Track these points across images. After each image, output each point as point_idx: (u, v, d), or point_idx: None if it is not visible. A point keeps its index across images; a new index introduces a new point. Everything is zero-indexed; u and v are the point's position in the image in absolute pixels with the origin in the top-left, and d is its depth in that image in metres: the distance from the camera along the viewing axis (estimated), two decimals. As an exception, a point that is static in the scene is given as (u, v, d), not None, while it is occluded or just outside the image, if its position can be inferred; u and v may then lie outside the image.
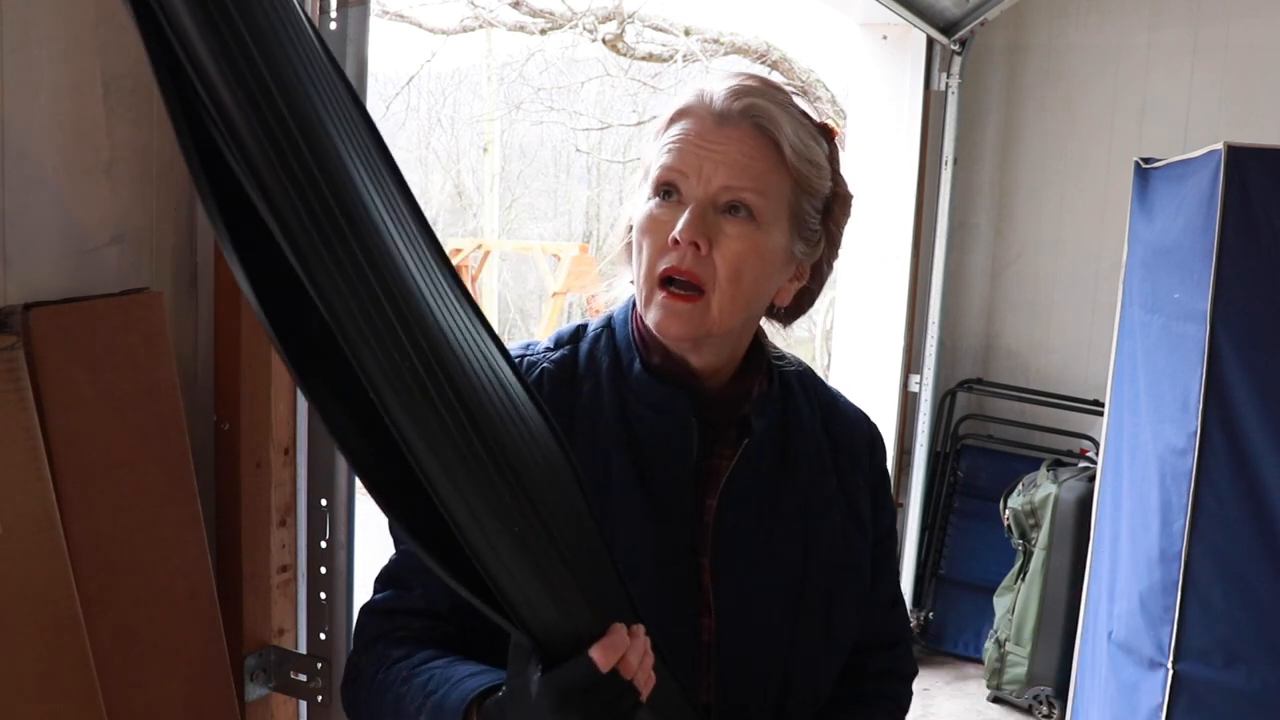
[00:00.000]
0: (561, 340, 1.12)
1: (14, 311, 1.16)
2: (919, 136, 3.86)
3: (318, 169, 0.68)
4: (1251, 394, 2.56)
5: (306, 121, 0.69)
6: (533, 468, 0.80)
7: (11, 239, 1.19)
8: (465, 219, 17.61)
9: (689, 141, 1.02)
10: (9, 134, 1.18)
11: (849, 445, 1.18)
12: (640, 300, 1.05)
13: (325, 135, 0.70)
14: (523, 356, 1.09)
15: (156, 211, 1.37)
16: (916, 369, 4.02)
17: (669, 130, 1.04)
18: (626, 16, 7.00)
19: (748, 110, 1.01)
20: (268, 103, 0.67)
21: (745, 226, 1.02)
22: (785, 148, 1.02)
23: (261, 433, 1.45)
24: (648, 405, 1.06)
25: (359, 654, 1.08)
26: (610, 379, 1.07)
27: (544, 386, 1.07)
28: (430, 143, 18.00)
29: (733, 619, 1.05)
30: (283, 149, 0.67)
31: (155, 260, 1.37)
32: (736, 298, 1.02)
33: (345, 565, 1.48)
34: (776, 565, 1.08)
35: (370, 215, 0.72)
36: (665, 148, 1.03)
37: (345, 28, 1.40)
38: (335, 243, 0.69)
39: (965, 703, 3.86)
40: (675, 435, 1.06)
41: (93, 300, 1.25)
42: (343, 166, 0.70)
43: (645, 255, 1.03)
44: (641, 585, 0.99)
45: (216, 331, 1.43)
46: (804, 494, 1.11)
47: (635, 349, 1.08)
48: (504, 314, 15.48)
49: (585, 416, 1.06)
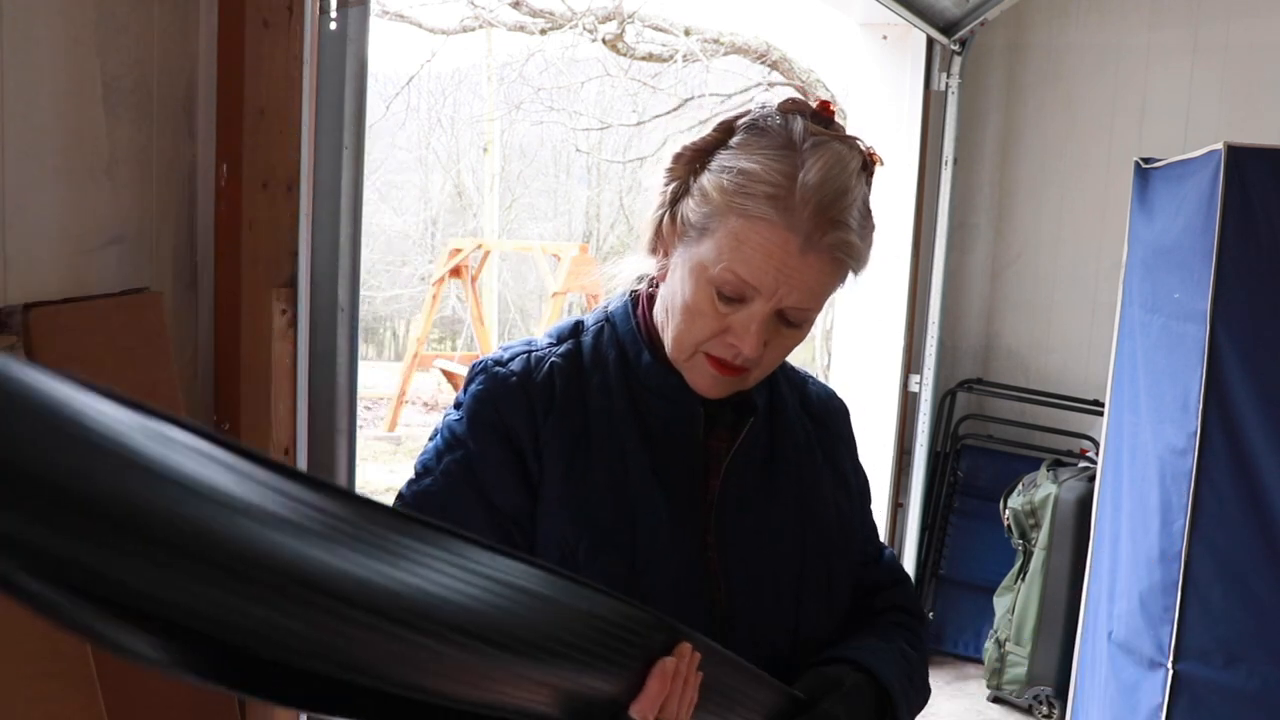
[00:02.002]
0: (563, 335, 1.14)
1: (14, 311, 1.16)
2: (919, 136, 3.86)
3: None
4: (1251, 394, 2.56)
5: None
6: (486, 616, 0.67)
7: (11, 239, 1.19)
8: (465, 219, 17.60)
9: (770, 262, 0.99)
10: (9, 134, 1.18)
11: (828, 419, 1.23)
12: (675, 353, 1.07)
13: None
14: (528, 353, 1.10)
15: (156, 211, 1.37)
16: (916, 369, 4.02)
17: (749, 225, 0.99)
18: (626, 16, 7.00)
19: (833, 245, 1.00)
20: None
21: (799, 329, 1.07)
22: (854, 265, 1.05)
23: (261, 433, 1.45)
24: (658, 395, 1.09)
25: None
26: (618, 371, 1.10)
27: (555, 380, 1.08)
28: (430, 143, 17.99)
29: (742, 593, 1.09)
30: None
31: (155, 260, 1.37)
32: (773, 368, 1.10)
33: (345, 565, 1.48)
34: (778, 538, 1.13)
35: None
36: (739, 246, 0.99)
37: (345, 28, 1.40)
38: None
39: (965, 703, 3.86)
40: (684, 422, 1.09)
41: (93, 300, 1.25)
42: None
43: (694, 332, 1.04)
44: (665, 567, 1.04)
45: (216, 331, 1.44)
46: (796, 469, 1.15)
47: (640, 342, 1.11)
48: (504, 314, 15.49)
49: (599, 408, 1.08)
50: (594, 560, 1.04)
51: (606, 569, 1.04)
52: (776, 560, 1.12)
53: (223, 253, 1.42)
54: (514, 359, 1.09)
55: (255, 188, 1.41)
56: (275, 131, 1.43)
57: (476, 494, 1.05)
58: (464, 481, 1.06)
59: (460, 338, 16.05)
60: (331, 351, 1.46)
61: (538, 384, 1.07)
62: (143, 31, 1.33)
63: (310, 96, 1.44)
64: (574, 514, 1.05)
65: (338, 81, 1.41)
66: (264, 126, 1.41)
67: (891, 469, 4.01)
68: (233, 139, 1.40)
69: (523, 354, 1.10)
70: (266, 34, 1.40)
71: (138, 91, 1.33)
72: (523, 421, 1.06)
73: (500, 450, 1.05)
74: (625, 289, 1.16)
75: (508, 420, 1.06)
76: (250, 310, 1.42)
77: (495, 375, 1.08)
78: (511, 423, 1.06)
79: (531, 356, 1.10)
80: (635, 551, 1.05)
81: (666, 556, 1.05)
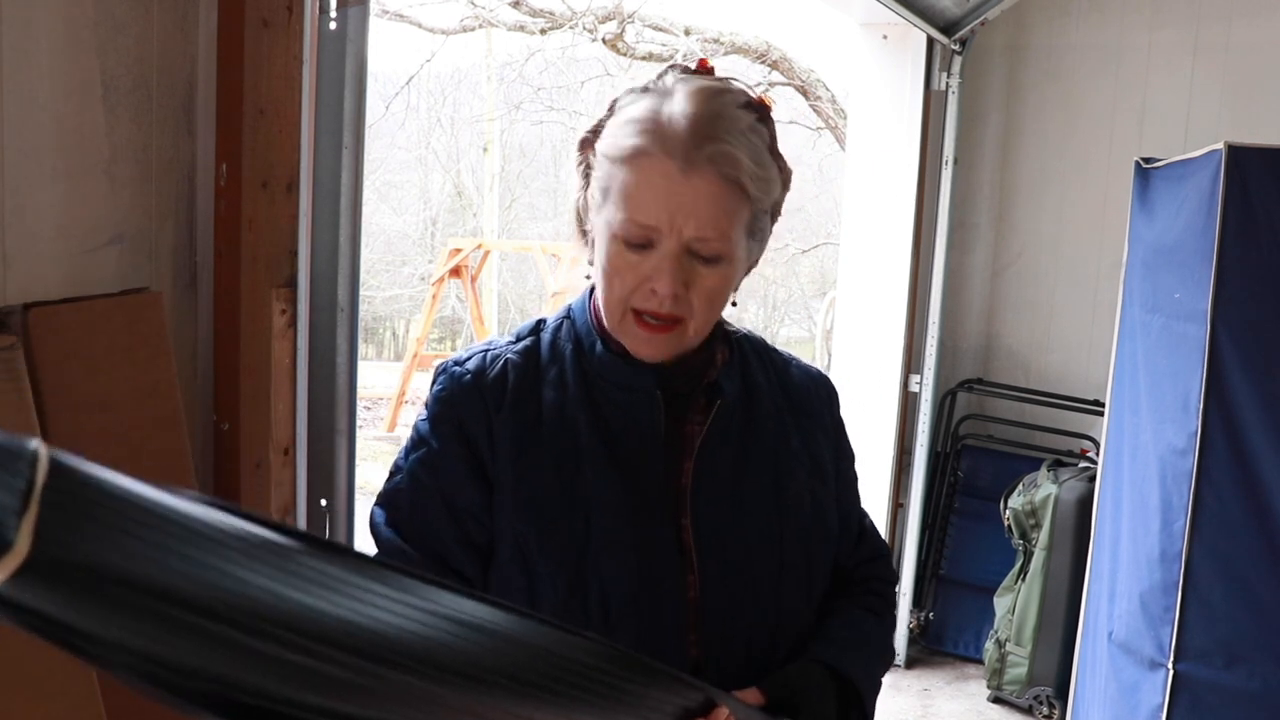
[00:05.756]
0: (522, 334, 1.17)
1: (14, 311, 1.16)
2: (919, 136, 3.86)
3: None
4: (1252, 394, 2.56)
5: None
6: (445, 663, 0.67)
7: (11, 239, 1.19)
8: (465, 219, 17.61)
9: (657, 195, 1.02)
10: (9, 134, 1.18)
11: (807, 404, 1.23)
12: (609, 320, 1.09)
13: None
14: (485, 352, 1.13)
15: (156, 211, 1.37)
16: (917, 369, 4.02)
17: (631, 167, 1.03)
18: (626, 16, 7.00)
19: (712, 158, 1.01)
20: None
21: (717, 266, 1.05)
22: (748, 185, 1.04)
23: (261, 433, 1.45)
24: (613, 384, 1.11)
25: None
26: (574, 363, 1.12)
27: (508, 375, 1.11)
28: (430, 142, 17.99)
29: (715, 575, 1.10)
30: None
31: (155, 260, 1.37)
32: (710, 318, 1.09)
33: (345, 565, 1.48)
34: (752, 520, 1.13)
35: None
36: (628, 192, 1.03)
37: (345, 28, 1.40)
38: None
39: (965, 703, 3.86)
40: (641, 409, 1.11)
41: (93, 300, 1.25)
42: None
43: (616, 290, 1.06)
44: (623, 553, 1.06)
45: (216, 331, 1.43)
46: (772, 452, 1.16)
47: (594, 332, 1.13)
48: (504, 314, 15.49)
49: (552, 401, 1.10)
50: (543, 548, 1.07)
51: (557, 556, 1.06)
52: (753, 547, 1.13)
53: (222, 252, 1.42)
54: (470, 358, 1.13)
55: (255, 187, 1.41)
56: (275, 131, 1.43)
57: (438, 491, 1.09)
58: (427, 480, 1.09)
59: (460, 338, 16.06)
60: (331, 351, 1.46)
61: (490, 381, 1.11)
62: (142, 31, 1.33)
63: (310, 96, 1.44)
64: (524, 505, 1.07)
65: (337, 81, 1.41)
66: (264, 126, 1.41)
67: (891, 469, 4.01)
68: (232, 138, 1.40)
69: (480, 353, 1.13)
70: (266, 34, 1.40)
71: (137, 91, 1.33)
72: (477, 418, 1.09)
73: (458, 447, 1.09)
74: (587, 286, 1.18)
75: (463, 417, 1.09)
76: (250, 310, 1.42)
77: (452, 375, 1.12)
78: (466, 420, 1.09)
79: (488, 355, 1.13)
80: (588, 539, 1.07)
81: (626, 543, 1.07)
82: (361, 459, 2.28)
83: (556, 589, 1.06)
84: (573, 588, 1.06)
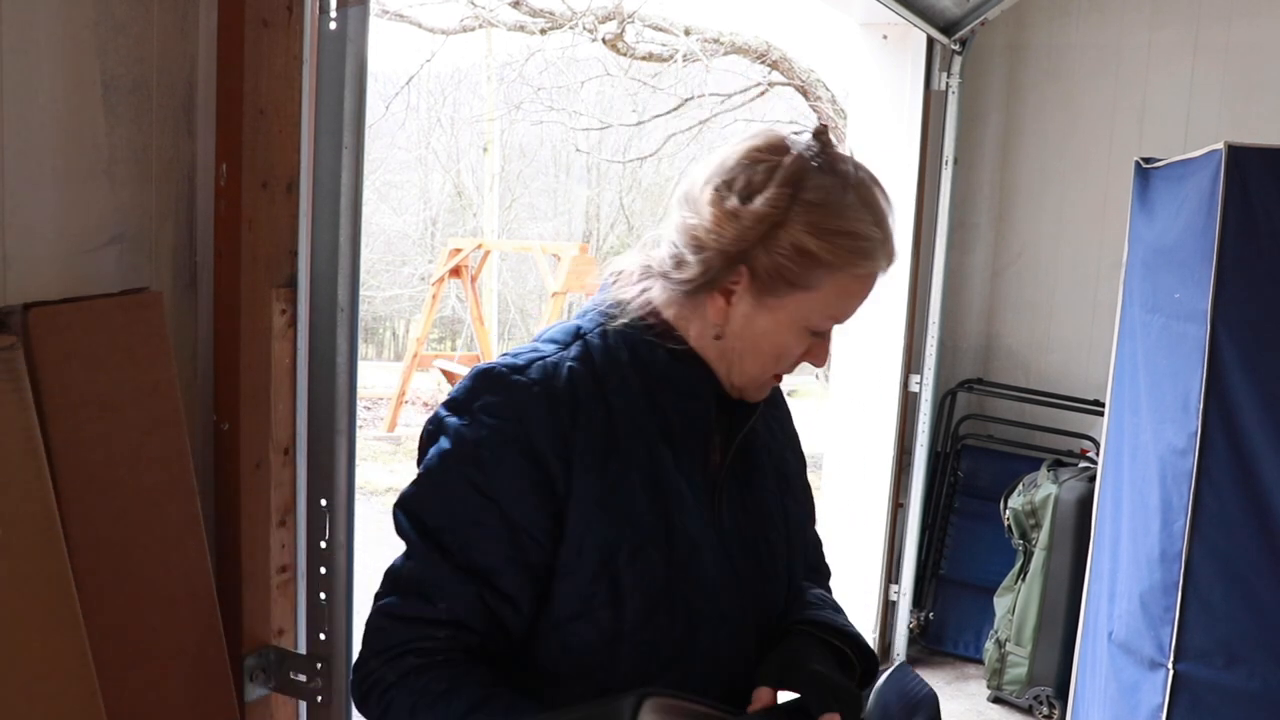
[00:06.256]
0: (564, 340, 1.13)
1: (14, 311, 1.16)
2: (919, 136, 3.86)
3: None
4: (1252, 394, 2.56)
5: None
6: None
7: (11, 239, 1.19)
8: (465, 219, 17.60)
9: (866, 298, 1.10)
10: (9, 134, 1.18)
11: (774, 401, 1.28)
12: (755, 379, 1.13)
13: None
14: (540, 359, 1.09)
15: (156, 211, 1.37)
16: (917, 369, 4.02)
17: (858, 283, 1.08)
18: (626, 16, 7.00)
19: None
20: None
21: None
22: None
23: (261, 433, 1.45)
24: (677, 390, 1.12)
25: (384, 663, 1.06)
26: (632, 369, 1.11)
27: (575, 385, 1.08)
28: (430, 143, 18.00)
29: (748, 570, 1.14)
30: None
31: (155, 260, 1.37)
32: None
33: (345, 566, 1.48)
34: (768, 511, 1.18)
35: None
36: (844, 299, 1.09)
37: (345, 28, 1.40)
38: None
39: (965, 703, 3.86)
40: (699, 415, 1.13)
41: (93, 300, 1.25)
42: None
43: (779, 365, 1.12)
44: (696, 560, 1.08)
45: (216, 331, 1.43)
46: (767, 443, 1.22)
47: (655, 339, 1.12)
48: (504, 314, 15.48)
49: (622, 408, 1.09)
50: (634, 562, 1.05)
51: (647, 568, 1.06)
52: (768, 532, 1.17)
53: (222, 253, 1.42)
54: (529, 366, 1.07)
55: (255, 187, 1.41)
56: (275, 131, 1.43)
57: (488, 501, 1.04)
58: (474, 489, 1.04)
59: (460, 338, 16.06)
60: (331, 351, 1.46)
61: (559, 391, 1.06)
62: (142, 31, 1.33)
63: (310, 96, 1.44)
64: (615, 516, 1.05)
65: (337, 81, 1.41)
66: (264, 126, 1.41)
67: (892, 469, 4.01)
68: (232, 138, 1.39)
69: (535, 361, 1.08)
70: (266, 33, 1.40)
71: (137, 91, 1.33)
72: (548, 431, 1.05)
73: (521, 461, 1.04)
74: (609, 284, 1.17)
75: (531, 431, 1.04)
76: (250, 310, 1.42)
77: (514, 384, 1.06)
78: (535, 433, 1.04)
79: (547, 363, 1.08)
80: (671, 549, 1.07)
81: (695, 547, 1.09)
82: (361, 459, 2.28)
83: (646, 598, 1.06)
84: (659, 597, 1.06)
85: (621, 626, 1.05)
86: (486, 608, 1.05)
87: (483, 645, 1.06)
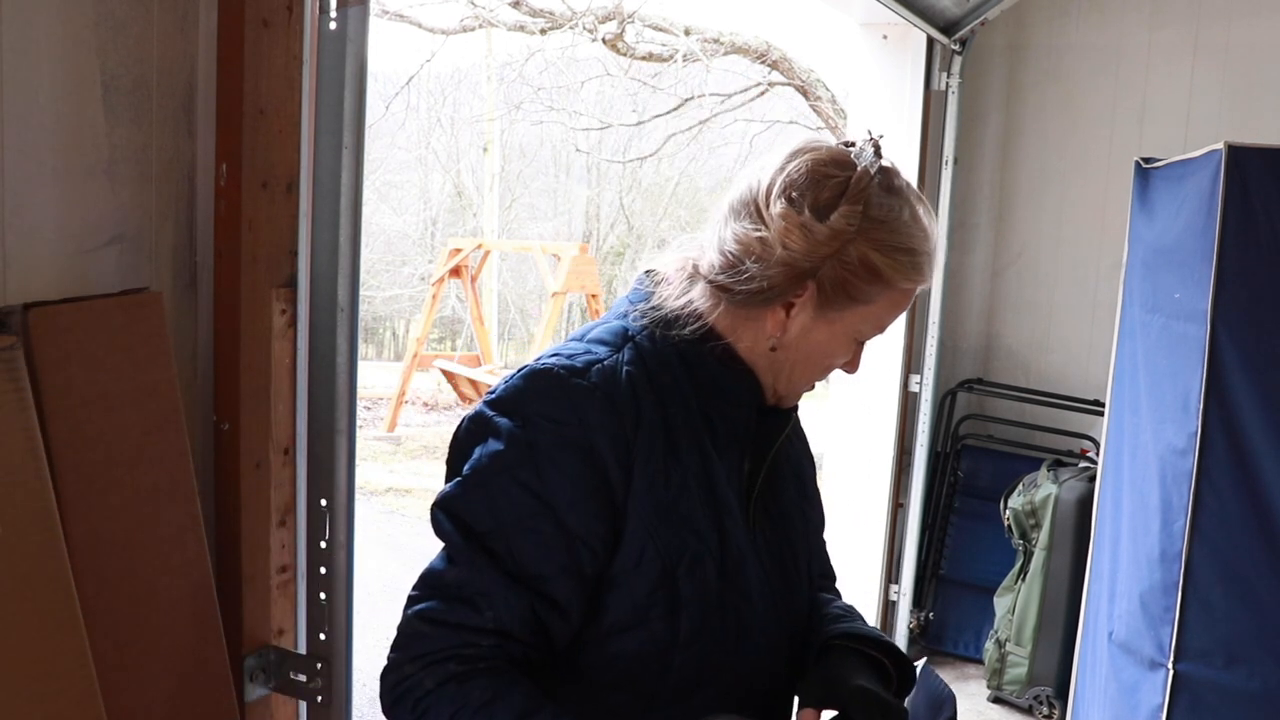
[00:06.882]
0: (617, 343, 1.11)
1: (14, 311, 1.16)
2: (919, 136, 3.86)
3: None
4: (1252, 394, 2.56)
5: None
6: None
7: (11, 239, 1.19)
8: (465, 219, 17.61)
9: (906, 307, 1.14)
10: (9, 134, 1.18)
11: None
12: (789, 391, 1.15)
13: None
14: (597, 362, 1.07)
15: (156, 211, 1.37)
16: (917, 369, 4.02)
17: (906, 296, 1.11)
18: (626, 16, 7.00)
19: None
20: None
21: None
22: None
23: (261, 433, 1.45)
24: (728, 399, 1.12)
25: (421, 669, 1.02)
26: (682, 372, 1.10)
27: (635, 389, 1.06)
28: (430, 143, 18.00)
29: (775, 574, 1.15)
30: None
31: (155, 260, 1.37)
32: None
33: (345, 566, 1.48)
34: (795, 519, 1.20)
35: None
36: (893, 311, 1.12)
37: (345, 28, 1.40)
38: None
39: (965, 703, 3.86)
40: (743, 423, 1.14)
41: (92, 300, 1.25)
42: None
43: (826, 372, 1.15)
44: (743, 570, 1.09)
45: (216, 331, 1.43)
46: (787, 451, 1.22)
47: (706, 346, 1.11)
48: (504, 314, 15.48)
49: (677, 415, 1.09)
50: (693, 573, 1.04)
51: (704, 579, 1.05)
52: (794, 540, 1.19)
53: (222, 252, 1.42)
54: (590, 369, 1.05)
55: (255, 187, 1.41)
56: (275, 131, 1.43)
57: (544, 506, 1.02)
58: (529, 493, 1.02)
59: (460, 338, 16.06)
60: (331, 351, 1.46)
61: (620, 395, 1.04)
62: (142, 31, 1.33)
63: (310, 96, 1.44)
64: (678, 526, 1.04)
65: (337, 81, 1.41)
66: (264, 126, 1.41)
67: (892, 469, 4.01)
68: (232, 139, 1.39)
69: (592, 363, 1.06)
70: (266, 33, 1.40)
71: (137, 91, 1.33)
72: (611, 435, 1.03)
73: (581, 467, 1.02)
74: (644, 283, 1.16)
75: (594, 436, 1.02)
76: (250, 310, 1.42)
77: (575, 388, 1.03)
78: (597, 439, 1.02)
79: (605, 366, 1.06)
80: (724, 560, 1.07)
81: (743, 557, 1.10)
82: (361, 459, 2.28)
83: (702, 608, 1.05)
84: (713, 608, 1.06)
85: (676, 637, 1.04)
86: (535, 617, 1.02)
87: (526, 655, 1.04)
